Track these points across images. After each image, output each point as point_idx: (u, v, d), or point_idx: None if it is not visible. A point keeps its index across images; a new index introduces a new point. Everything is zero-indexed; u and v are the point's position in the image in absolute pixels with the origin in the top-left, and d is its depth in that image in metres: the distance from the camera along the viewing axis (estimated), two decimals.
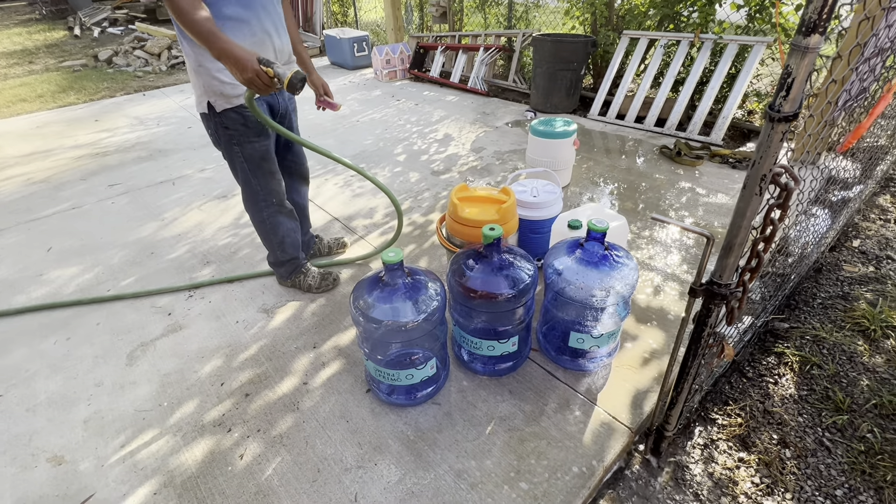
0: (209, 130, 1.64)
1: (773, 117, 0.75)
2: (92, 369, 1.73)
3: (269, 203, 1.80)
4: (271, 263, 2.04)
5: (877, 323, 1.74)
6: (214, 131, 1.61)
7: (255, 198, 1.77)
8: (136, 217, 2.76)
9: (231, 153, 1.65)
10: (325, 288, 2.05)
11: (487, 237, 1.39)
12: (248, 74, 1.24)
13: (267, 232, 1.88)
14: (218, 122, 1.56)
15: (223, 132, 1.59)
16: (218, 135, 1.61)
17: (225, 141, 1.62)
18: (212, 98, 1.50)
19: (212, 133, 1.63)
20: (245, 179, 1.72)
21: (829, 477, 1.31)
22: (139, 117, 4.52)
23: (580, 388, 1.56)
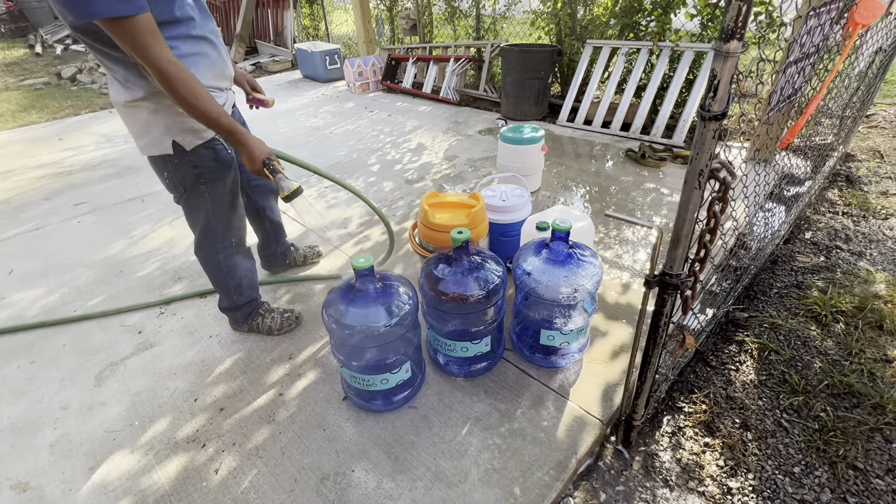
0: (167, 174, 1.44)
1: (703, 116, 0.81)
2: (58, 392, 1.68)
3: (228, 244, 1.66)
4: (225, 309, 1.84)
5: (827, 309, 1.84)
6: (177, 173, 1.43)
7: (213, 239, 1.62)
8: (104, 236, 2.70)
9: (195, 194, 1.49)
10: (288, 328, 1.88)
11: (456, 241, 1.42)
12: (253, 168, 1.36)
13: (223, 275, 1.71)
14: (184, 161, 1.40)
15: (189, 172, 1.43)
16: (182, 176, 1.44)
17: (191, 182, 1.46)
18: (178, 137, 1.36)
19: (171, 176, 1.44)
20: (206, 221, 1.56)
21: (788, 455, 1.38)
22: (106, 135, 4.43)
23: (553, 384, 1.60)
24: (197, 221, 1.58)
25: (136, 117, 1.33)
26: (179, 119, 1.34)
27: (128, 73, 1.25)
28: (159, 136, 1.35)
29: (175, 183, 1.47)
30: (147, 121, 1.32)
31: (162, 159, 1.41)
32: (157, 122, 1.33)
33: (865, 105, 3.14)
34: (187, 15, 1.24)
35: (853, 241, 2.33)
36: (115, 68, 1.24)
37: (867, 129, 3.73)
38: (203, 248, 1.66)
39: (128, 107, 1.31)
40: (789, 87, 1.16)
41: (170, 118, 1.33)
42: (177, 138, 1.36)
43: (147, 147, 1.39)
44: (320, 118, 4.65)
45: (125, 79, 1.26)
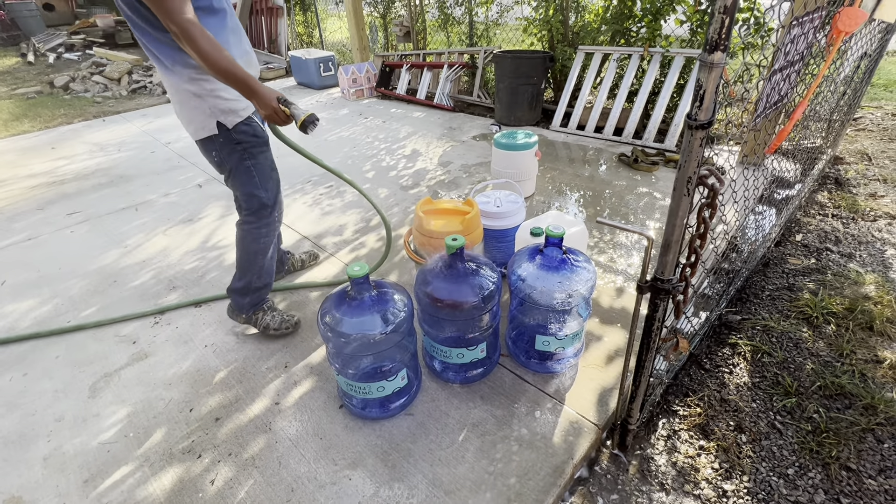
0: (214, 153, 1.60)
1: (690, 125, 0.83)
2: (52, 404, 1.67)
3: (274, 220, 1.77)
4: (237, 290, 1.85)
5: (818, 311, 1.86)
6: (223, 151, 1.59)
7: (261, 213, 1.73)
8: (97, 245, 2.69)
9: (242, 169, 1.63)
10: (284, 332, 1.90)
11: (450, 247, 1.43)
12: (267, 111, 1.39)
13: (257, 252, 1.79)
14: (228, 139, 1.56)
15: (235, 149, 1.59)
16: (228, 152, 1.59)
17: (237, 157, 1.61)
18: (221, 117, 1.52)
19: (218, 155, 1.60)
20: (251, 194, 1.68)
21: (782, 457, 1.39)
22: (99, 143, 4.42)
23: (549, 389, 1.61)
24: (244, 195, 1.70)
25: (186, 103, 1.49)
26: (220, 101, 1.50)
27: (173, 54, 1.40)
28: (205, 119, 1.51)
29: (223, 160, 1.61)
30: (193, 106, 1.49)
31: (210, 140, 1.56)
32: (202, 106, 1.49)
33: (853, 108, 3.19)
34: (222, 6, 1.43)
35: (843, 242, 2.36)
36: (162, 52, 1.40)
37: (855, 132, 3.78)
38: (250, 224, 1.75)
39: (179, 93, 1.48)
40: (775, 93, 1.19)
41: (212, 100, 1.49)
42: (220, 119, 1.52)
43: (197, 131, 1.55)
44: None
45: (172, 62, 1.41)
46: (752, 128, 1.19)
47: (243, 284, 1.84)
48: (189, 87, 1.46)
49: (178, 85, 1.46)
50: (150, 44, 1.40)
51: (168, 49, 1.40)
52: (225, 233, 2.75)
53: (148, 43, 1.41)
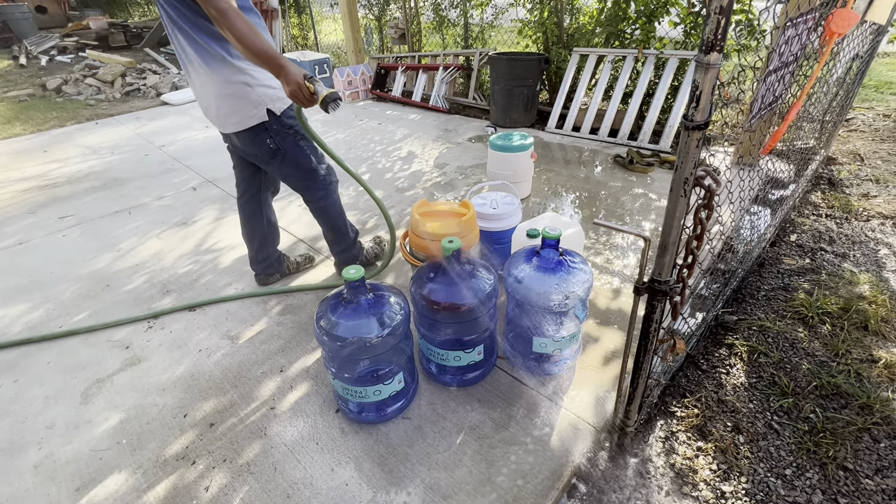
0: (269, 140, 1.70)
1: (687, 126, 0.83)
2: (42, 411, 1.64)
3: (334, 181, 1.94)
4: (344, 251, 2.12)
5: (814, 311, 1.87)
6: (276, 136, 1.70)
7: (325, 182, 1.89)
8: (90, 249, 2.66)
9: (297, 151, 1.76)
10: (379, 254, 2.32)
11: (447, 249, 1.43)
12: (292, 87, 1.42)
13: (339, 215, 2.01)
14: (279, 124, 1.68)
15: (287, 132, 1.71)
16: (282, 137, 1.71)
17: (290, 140, 1.73)
18: (270, 104, 1.64)
19: (272, 140, 1.70)
20: (312, 169, 1.82)
21: (779, 458, 1.39)
22: (92, 146, 4.38)
23: (546, 391, 1.60)
24: (308, 173, 1.83)
25: (233, 95, 1.58)
26: (269, 89, 1.62)
27: (229, 47, 1.51)
28: (255, 108, 1.62)
29: (278, 145, 1.72)
30: (242, 96, 1.59)
31: (261, 128, 1.66)
32: (251, 95, 1.60)
33: (845, 109, 3.22)
34: (248, 4, 1.51)
35: (837, 242, 2.37)
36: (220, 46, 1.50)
37: (847, 132, 3.81)
38: (323, 197, 1.92)
39: (227, 86, 1.57)
40: (770, 94, 1.19)
41: (261, 89, 1.61)
42: (269, 106, 1.64)
43: (244, 120, 1.64)
44: None
45: (228, 54, 1.52)
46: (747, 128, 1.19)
47: (346, 245, 2.11)
48: (240, 77, 1.57)
49: (227, 77, 1.55)
50: (203, 40, 1.50)
51: (225, 43, 1.51)
52: (219, 236, 2.73)
53: (201, 40, 1.50)
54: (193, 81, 1.66)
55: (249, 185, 2.01)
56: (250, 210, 2.05)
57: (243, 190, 2.03)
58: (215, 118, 1.69)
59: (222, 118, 1.65)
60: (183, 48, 1.56)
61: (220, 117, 1.66)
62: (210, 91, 1.60)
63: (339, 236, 2.08)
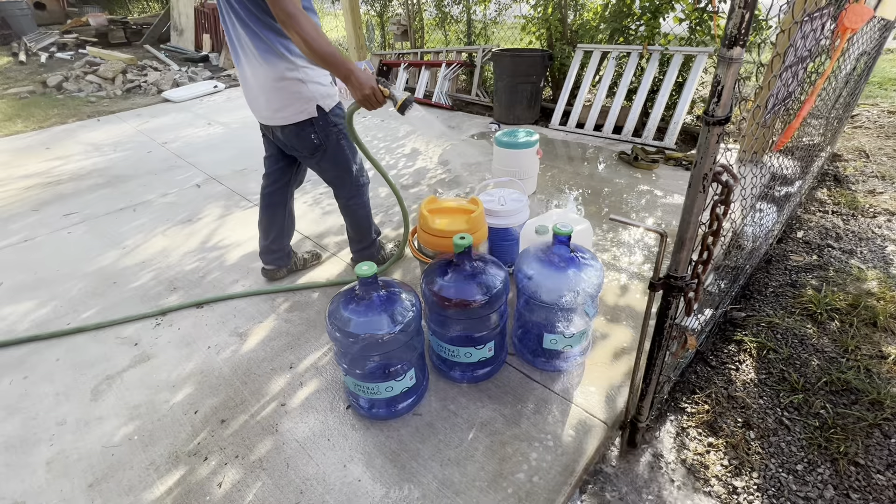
0: (314, 136, 1.74)
1: (708, 121, 0.83)
2: (53, 408, 1.64)
3: (366, 182, 2.00)
4: (364, 249, 2.15)
5: (822, 307, 1.87)
6: (322, 132, 1.74)
7: (358, 182, 1.95)
8: (95, 246, 2.65)
9: (338, 149, 1.81)
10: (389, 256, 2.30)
11: (458, 246, 1.42)
12: (366, 91, 1.45)
13: (367, 215, 2.07)
14: (326, 121, 1.73)
15: (332, 130, 1.76)
16: (326, 134, 1.76)
17: (334, 137, 1.78)
18: (321, 101, 1.69)
19: (318, 136, 1.75)
20: (348, 169, 1.88)
21: (790, 453, 1.39)
22: (94, 143, 4.37)
23: (556, 387, 1.61)
24: (345, 172, 1.88)
25: (287, 90, 1.62)
26: (321, 87, 1.68)
27: (288, 43, 1.55)
28: (306, 103, 1.66)
29: (321, 141, 1.76)
30: (296, 91, 1.62)
31: (309, 123, 1.70)
32: (304, 91, 1.64)
33: (850, 106, 3.21)
34: (310, 5, 1.53)
35: (844, 239, 2.37)
36: (275, 42, 1.54)
37: (852, 129, 3.81)
38: (353, 196, 1.98)
39: (282, 81, 1.60)
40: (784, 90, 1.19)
41: (313, 86, 1.65)
42: (319, 102, 1.68)
43: (295, 115, 1.67)
44: None
45: (286, 50, 1.56)
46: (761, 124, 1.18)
47: (368, 242, 2.15)
48: (296, 73, 1.60)
49: (283, 73, 1.59)
50: (266, 35, 1.53)
51: (286, 40, 1.54)
52: (225, 233, 2.72)
53: (263, 35, 1.53)
54: (245, 73, 1.68)
55: (281, 175, 2.04)
56: (275, 200, 2.08)
57: (273, 180, 2.05)
58: (264, 110, 1.71)
59: (272, 111, 1.68)
60: (240, 40, 1.59)
61: (269, 110, 1.69)
62: (263, 84, 1.63)
63: (361, 235, 2.12)
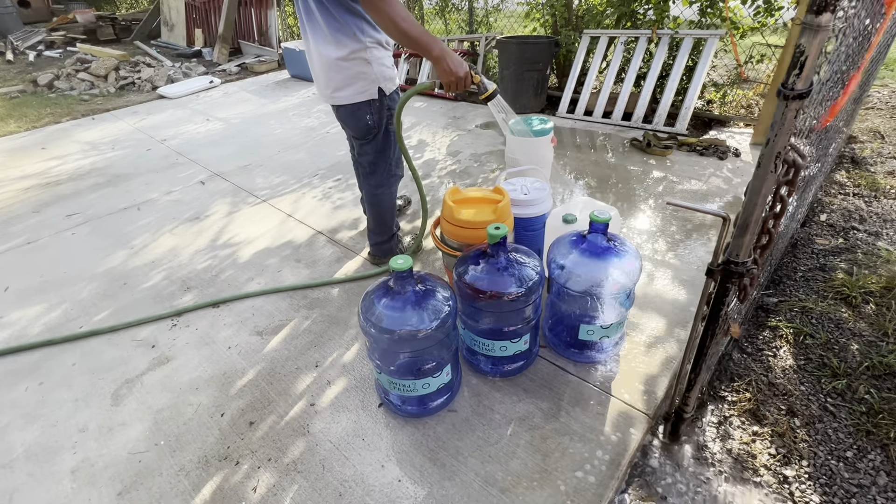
0: (369, 116, 1.75)
1: (787, 95, 0.77)
2: (73, 414, 1.59)
3: (398, 176, 2.02)
4: (383, 242, 2.14)
5: (856, 290, 1.84)
6: (377, 114, 1.76)
7: (390, 170, 1.96)
8: (102, 247, 2.58)
9: (386, 134, 1.84)
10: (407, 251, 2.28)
11: (493, 236, 1.37)
12: (460, 74, 1.45)
13: (391, 207, 2.06)
14: (383, 104, 1.75)
15: (385, 113, 1.78)
16: (380, 117, 1.78)
17: (386, 121, 1.80)
18: (383, 84, 1.71)
19: (373, 118, 1.76)
20: (388, 157, 1.90)
21: (838, 440, 1.36)
22: (91, 142, 4.26)
23: (593, 379, 1.57)
24: (383, 159, 1.90)
25: (350, 69, 1.63)
26: (385, 69, 1.70)
27: (362, 24, 1.57)
28: (368, 84, 1.68)
29: (375, 123, 1.78)
30: (360, 71, 1.64)
31: (367, 104, 1.72)
32: (369, 72, 1.66)
33: (867, 86, 3.17)
34: None
35: (868, 221, 2.34)
36: (349, 22, 1.55)
37: (864, 110, 3.77)
38: (383, 185, 1.97)
39: (346, 60, 1.61)
40: (844, 65, 1.14)
41: (379, 69, 1.67)
42: (381, 85, 1.70)
43: (355, 95, 1.69)
44: (314, 118, 4.54)
45: (358, 31, 1.57)
46: (819, 101, 1.14)
47: (386, 237, 2.14)
48: (363, 54, 1.62)
49: (352, 53, 1.60)
50: (340, 14, 1.54)
51: (361, 21, 1.57)
52: (235, 230, 2.66)
53: (337, 13, 1.54)
54: (312, 51, 1.69)
55: None
56: None
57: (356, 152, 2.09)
58: (324, 88, 1.73)
59: (331, 90, 1.70)
60: (312, 15, 1.59)
61: (328, 89, 1.71)
62: (327, 63, 1.64)
63: (381, 227, 2.11)
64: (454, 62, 1.42)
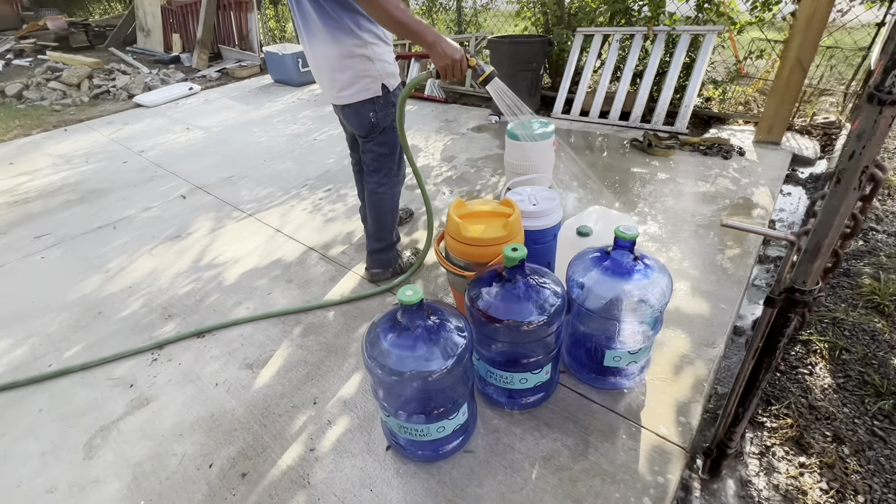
0: (373, 114, 1.71)
1: (882, 100, 0.65)
2: (40, 471, 1.40)
3: (402, 178, 1.96)
4: (381, 251, 2.04)
5: (886, 297, 1.74)
6: (381, 111, 1.72)
7: (396, 173, 1.91)
8: (74, 272, 2.38)
9: (391, 131, 1.79)
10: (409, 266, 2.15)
11: (511, 259, 1.23)
12: (456, 57, 1.40)
13: (393, 211, 1.99)
14: (388, 101, 1.71)
15: (390, 110, 1.73)
16: (385, 114, 1.73)
17: (391, 119, 1.75)
18: (386, 80, 1.67)
19: (376, 116, 1.72)
20: (392, 154, 1.84)
21: (892, 470, 1.25)
22: (63, 155, 4.02)
23: (619, 409, 1.44)
24: (387, 158, 1.85)
25: (353, 67, 1.60)
26: (387, 65, 1.66)
27: (358, 18, 1.53)
28: (372, 82, 1.64)
29: (379, 120, 1.74)
30: (363, 69, 1.61)
31: (371, 102, 1.69)
32: (371, 69, 1.62)
33: None
34: None
35: (885, 221, 2.26)
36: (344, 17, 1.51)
37: None
38: (385, 185, 1.90)
39: (349, 58, 1.58)
40: None
41: (380, 64, 1.63)
42: (384, 81, 1.67)
43: (359, 93, 1.66)
44: (300, 124, 4.36)
45: (355, 26, 1.53)
46: None
47: (386, 244, 2.03)
48: (363, 51, 1.58)
49: (351, 50, 1.57)
50: (333, 9, 1.50)
51: (356, 14, 1.52)
52: (220, 248, 2.48)
53: (331, 9, 1.50)
54: (311, 51, 1.66)
55: None
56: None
57: (359, 158, 2.05)
58: (328, 89, 1.71)
59: (337, 90, 1.67)
60: (307, 16, 1.56)
61: (333, 88, 1.67)
62: (329, 63, 1.61)
63: (381, 232, 2.02)
64: (449, 46, 1.41)
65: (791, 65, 2.80)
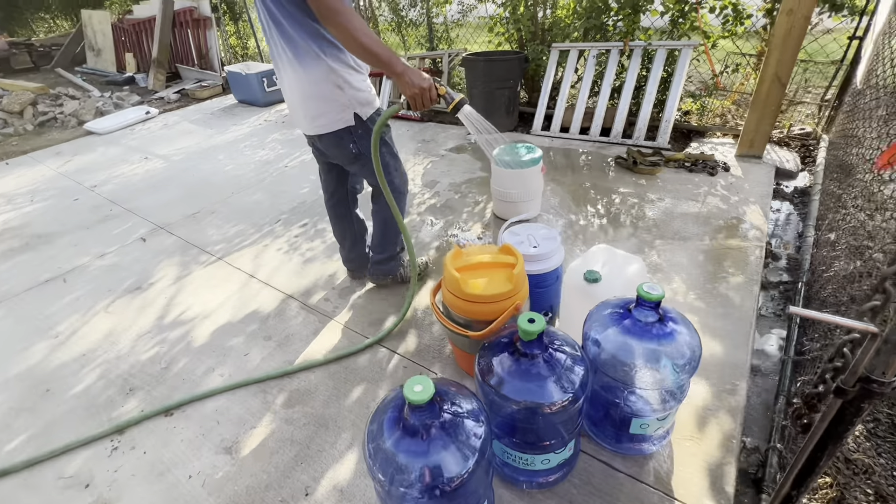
0: (352, 145, 1.68)
1: None
2: None
3: (405, 194, 1.92)
4: (383, 261, 2.04)
5: None
6: (361, 141, 1.68)
7: (392, 188, 1.81)
8: (16, 338, 2.09)
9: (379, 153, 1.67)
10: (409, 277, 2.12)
11: (528, 333, 1.09)
12: (424, 86, 1.37)
13: (394, 224, 1.94)
14: (365, 130, 1.66)
15: (369, 138, 1.65)
16: (366, 142, 1.67)
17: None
18: (358, 108, 1.62)
19: (356, 146, 1.68)
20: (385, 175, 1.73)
21: None
22: (4, 194, 3.66)
23: (647, 477, 1.31)
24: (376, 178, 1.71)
25: (323, 96, 1.55)
26: (358, 93, 1.60)
27: (323, 45, 1.47)
28: (342, 111, 1.59)
29: (360, 151, 1.70)
30: (332, 98, 1.56)
31: (347, 132, 1.64)
32: (341, 98, 1.57)
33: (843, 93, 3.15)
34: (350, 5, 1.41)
35: (877, 237, 2.24)
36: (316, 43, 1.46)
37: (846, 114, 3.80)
38: (384, 199, 1.83)
39: (318, 85, 1.53)
40: None
41: (351, 92, 1.57)
42: (357, 110, 1.61)
43: (331, 123, 1.61)
44: (269, 149, 4.12)
45: (323, 52, 1.47)
46: None
47: (389, 254, 2.03)
48: (333, 78, 1.52)
49: (320, 77, 1.52)
50: (301, 37, 1.45)
51: (322, 41, 1.46)
52: (187, 301, 2.24)
53: (299, 36, 1.45)
54: (284, 81, 1.62)
55: (338, 186, 2.00)
56: (341, 212, 2.05)
57: (331, 192, 2.02)
58: (302, 119, 1.66)
59: (309, 119, 1.63)
60: (278, 45, 1.52)
61: (306, 118, 1.63)
62: (301, 91, 1.57)
63: (385, 244, 2.01)
64: (417, 76, 1.38)
65: (770, 80, 2.79)
